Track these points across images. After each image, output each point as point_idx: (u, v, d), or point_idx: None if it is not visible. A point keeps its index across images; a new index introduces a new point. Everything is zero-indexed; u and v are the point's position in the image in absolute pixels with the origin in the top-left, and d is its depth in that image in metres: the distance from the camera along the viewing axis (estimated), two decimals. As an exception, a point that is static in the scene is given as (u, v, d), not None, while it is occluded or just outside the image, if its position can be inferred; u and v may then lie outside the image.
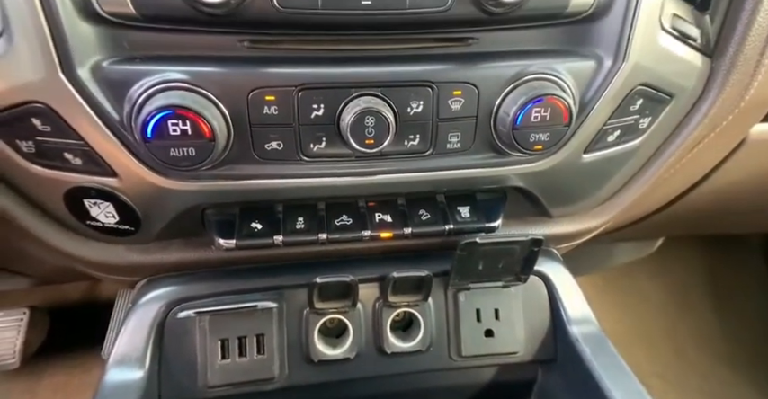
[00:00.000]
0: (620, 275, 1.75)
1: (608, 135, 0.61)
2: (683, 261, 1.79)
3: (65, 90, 0.47)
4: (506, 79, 0.55)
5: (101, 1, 0.45)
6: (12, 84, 0.46)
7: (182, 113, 0.48)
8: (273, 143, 0.55)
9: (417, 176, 0.60)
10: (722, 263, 1.79)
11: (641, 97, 0.58)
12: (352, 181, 0.59)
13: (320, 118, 0.54)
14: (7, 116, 0.48)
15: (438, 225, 0.64)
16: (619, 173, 0.67)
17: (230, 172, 0.55)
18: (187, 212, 0.59)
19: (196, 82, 0.50)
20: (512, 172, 0.62)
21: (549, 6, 0.52)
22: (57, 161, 0.52)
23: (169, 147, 0.49)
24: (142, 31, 0.49)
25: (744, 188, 0.78)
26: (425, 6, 0.50)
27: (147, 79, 0.48)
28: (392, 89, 0.54)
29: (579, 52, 0.56)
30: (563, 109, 0.54)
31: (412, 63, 0.55)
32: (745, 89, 0.59)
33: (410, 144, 0.57)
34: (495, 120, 0.56)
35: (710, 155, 0.69)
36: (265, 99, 0.52)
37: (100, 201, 0.56)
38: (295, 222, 0.63)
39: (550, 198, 0.67)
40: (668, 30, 0.55)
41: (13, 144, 0.51)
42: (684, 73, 0.58)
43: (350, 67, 0.53)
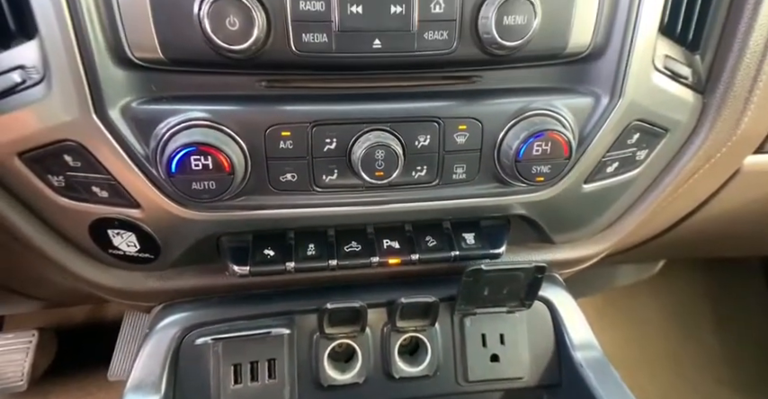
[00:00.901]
0: (621, 296, 1.75)
1: (607, 166, 0.63)
2: (684, 283, 1.80)
3: (96, 129, 0.50)
4: (509, 115, 0.58)
5: (132, 48, 0.49)
6: (48, 125, 0.49)
7: (204, 149, 0.51)
8: (288, 175, 0.57)
9: (424, 205, 0.63)
10: (723, 285, 1.80)
11: (638, 131, 0.61)
12: (362, 210, 0.62)
13: (332, 151, 0.57)
14: (42, 153, 0.51)
15: (444, 251, 0.67)
16: (618, 202, 0.70)
17: (246, 202, 0.58)
18: (204, 240, 0.62)
19: (217, 119, 0.53)
20: (515, 202, 0.64)
21: (548, 48, 0.56)
22: (84, 194, 0.55)
23: (191, 181, 0.52)
24: (168, 73, 0.52)
25: (740, 214, 0.81)
26: (432, 49, 0.54)
27: (172, 118, 0.52)
28: (401, 124, 0.57)
29: (578, 90, 0.60)
30: (563, 143, 0.56)
31: (419, 99, 0.58)
32: (735, 124, 0.62)
33: (418, 175, 0.60)
34: (499, 153, 0.59)
35: (706, 184, 0.72)
36: (281, 134, 0.55)
37: (123, 231, 0.58)
38: (306, 249, 0.66)
39: (553, 225, 0.70)
40: (661, 69, 0.58)
41: (45, 178, 0.54)
42: (678, 109, 0.62)
43: (361, 104, 0.57)
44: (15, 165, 0.52)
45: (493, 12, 0.50)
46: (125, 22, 0.47)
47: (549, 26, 0.53)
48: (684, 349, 1.65)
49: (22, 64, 0.48)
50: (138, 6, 0.47)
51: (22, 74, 0.48)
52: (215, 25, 0.46)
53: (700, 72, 0.62)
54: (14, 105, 0.49)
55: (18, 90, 0.48)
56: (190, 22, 0.47)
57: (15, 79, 0.48)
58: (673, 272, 1.59)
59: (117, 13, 0.47)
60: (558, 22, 0.54)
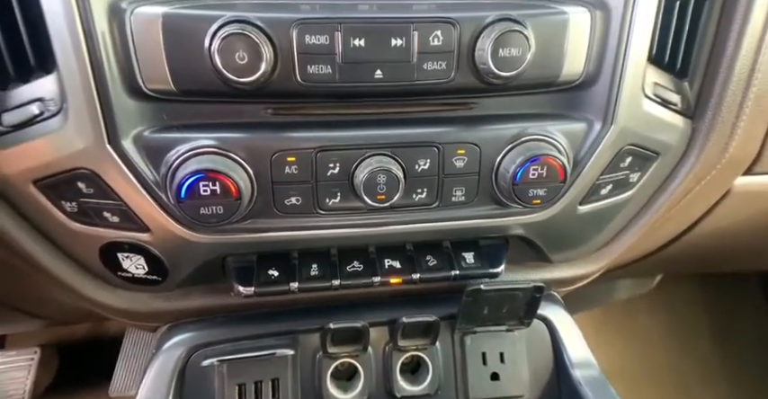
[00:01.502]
0: (619, 311, 1.76)
1: (601, 188, 0.66)
2: (683, 297, 1.81)
3: (110, 158, 0.52)
4: (505, 140, 0.60)
5: (146, 80, 0.51)
6: (64, 154, 0.51)
7: (212, 176, 0.53)
8: (293, 198, 0.59)
9: (425, 227, 0.65)
10: (721, 298, 1.81)
11: (630, 155, 0.64)
12: (364, 231, 0.64)
13: (335, 175, 0.59)
14: (56, 180, 0.53)
15: (444, 270, 0.68)
16: (613, 222, 0.72)
17: (252, 225, 0.60)
18: (210, 261, 0.63)
19: (225, 147, 0.55)
20: (512, 223, 0.66)
21: (542, 77, 0.58)
22: (96, 219, 0.57)
23: (200, 206, 0.53)
24: (179, 103, 0.54)
25: (732, 232, 0.83)
26: (431, 78, 0.56)
27: (181, 146, 0.54)
28: (401, 149, 0.59)
29: (572, 116, 0.62)
30: (558, 167, 0.59)
31: (419, 125, 0.60)
32: (724, 148, 0.64)
33: (418, 197, 0.62)
34: (497, 176, 0.61)
35: (698, 204, 0.74)
36: (287, 160, 0.57)
37: (132, 254, 0.60)
38: (309, 268, 0.67)
39: (550, 245, 0.72)
40: (651, 96, 0.61)
41: (58, 204, 0.55)
42: (668, 133, 0.64)
43: (363, 130, 0.59)
44: (30, 192, 0.54)
45: (489, 44, 0.53)
46: (139, 57, 0.50)
47: (542, 57, 0.56)
48: (684, 363, 1.66)
49: (41, 96, 0.51)
50: (151, 42, 0.49)
51: (40, 106, 0.50)
52: (225, 60, 0.49)
53: (688, 98, 0.64)
54: (32, 135, 0.51)
55: (36, 121, 0.51)
56: (201, 56, 0.50)
57: (34, 111, 0.50)
58: (670, 286, 1.60)
59: (132, 48, 0.49)
60: (552, 53, 0.56)
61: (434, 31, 0.54)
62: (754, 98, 0.61)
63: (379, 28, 0.53)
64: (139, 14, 0.49)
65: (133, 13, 0.48)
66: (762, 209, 0.77)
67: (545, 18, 0.55)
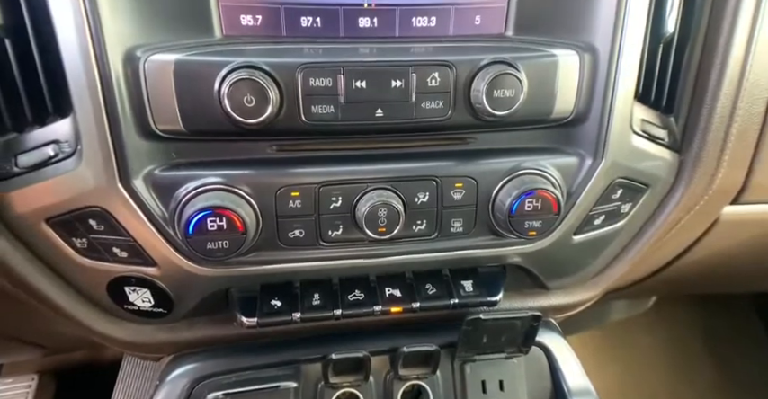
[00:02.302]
0: (616, 331, 1.77)
1: (594, 219, 0.68)
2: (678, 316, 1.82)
3: (121, 197, 0.54)
4: (501, 173, 0.63)
5: (157, 122, 0.53)
6: (77, 193, 0.53)
7: (219, 212, 0.55)
8: (296, 231, 0.61)
9: (424, 257, 0.66)
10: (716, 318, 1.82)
11: (621, 187, 0.66)
12: (365, 262, 0.66)
13: (338, 208, 0.61)
14: (69, 218, 0.55)
15: (444, 299, 0.70)
16: (606, 251, 0.74)
17: (256, 258, 0.62)
18: (215, 293, 0.65)
19: (231, 183, 0.57)
20: (509, 252, 0.68)
21: (535, 114, 0.61)
22: (105, 254, 0.58)
23: (207, 241, 0.55)
24: (187, 142, 0.57)
25: (723, 258, 0.85)
26: (429, 116, 0.59)
27: (190, 183, 0.56)
28: (401, 183, 0.61)
29: (564, 150, 0.65)
30: (552, 200, 0.61)
31: (418, 160, 0.63)
32: (710, 179, 0.67)
33: (418, 228, 0.64)
34: (493, 208, 0.64)
35: (688, 232, 0.76)
36: (291, 194, 0.59)
37: (139, 288, 0.61)
38: (311, 298, 0.69)
39: (546, 273, 0.74)
40: (639, 132, 0.64)
41: (69, 241, 0.57)
42: (657, 166, 0.67)
43: (364, 165, 0.61)
44: (42, 229, 0.56)
45: (484, 86, 0.56)
46: (151, 100, 0.52)
47: (535, 96, 0.58)
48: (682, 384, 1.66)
49: (56, 139, 0.53)
50: (163, 86, 0.52)
51: (56, 148, 0.53)
52: (234, 103, 0.51)
53: (675, 133, 0.68)
54: (46, 176, 0.53)
55: (51, 162, 0.53)
56: (210, 100, 0.52)
57: (49, 153, 0.52)
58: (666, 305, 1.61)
59: (145, 93, 0.52)
60: (543, 92, 0.59)
61: (432, 73, 0.57)
62: (737, 133, 0.64)
63: (380, 71, 0.56)
64: (153, 61, 0.51)
65: (147, 60, 0.51)
66: (750, 237, 0.79)
67: (536, 60, 0.58)
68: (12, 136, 0.54)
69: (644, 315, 1.58)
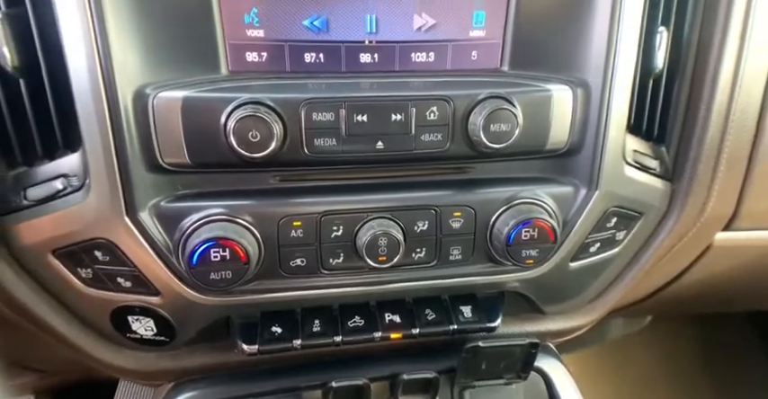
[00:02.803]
0: (614, 345, 1.76)
1: (590, 247, 0.69)
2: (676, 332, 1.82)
3: (127, 229, 0.55)
4: (499, 203, 0.64)
5: (163, 155, 0.55)
6: (84, 226, 0.54)
7: (222, 243, 0.56)
8: (298, 260, 0.62)
9: (424, 284, 0.68)
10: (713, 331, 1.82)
11: (615, 216, 0.68)
12: (365, 290, 0.66)
13: (339, 237, 0.62)
14: (75, 249, 0.56)
15: (443, 325, 0.71)
16: (602, 277, 0.75)
17: (258, 286, 0.62)
18: (216, 320, 0.65)
19: (235, 214, 0.58)
20: (507, 279, 0.69)
21: (530, 146, 0.62)
22: (109, 284, 0.59)
23: (210, 272, 0.56)
24: (193, 174, 0.58)
25: (718, 281, 0.86)
26: (428, 148, 0.60)
27: (194, 214, 0.57)
28: (401, 212, 0.63)
29: (560, 180, 0.66)
30: (548, 230, 0.62)
31: (417, 189, 0.64)
32: (702, 207, 0.69)
33: (417, 256, 0.65)
34: (491, 236, 0.65)
35: (682, 258, 0.78)
36: (293, 224, 0.61)
37: (142, 317, 0.62)
38: (312, 325, 0.69)
39: (543, 298, 0.75)
40: (631, 163, 0.66)
41: (74, 271, 0.58)
42: (649, 195, 0.69)
43: (365, 195, 0.63)
44: (48, 260, 0.57)
45: (480, 120, 0.58)
46: (159, 135, 0.54)
47: (530, 129, 0.60)
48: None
49: (65, 172, 0.54)
50: (171, 122, 0.53)
51: (64, 181, 0.54)
52: (239, 139, 0.53)
53: (667, 162, 0.70)
54: (55, 208, 0.54)
55: (59, 196, 0.54)
56: (216, 134, 0.54)
57: (57, 186, 0.53)
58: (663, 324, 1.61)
59: (152, 128, 0.53)
60: (538, 125, 0.61)
61: (431, 107, 0.59)
62: (726, 163, 0.66)
63: (380, 105, 0.58)
64: (161, 98, 0.53)
65: (156, 97, 0.53)
66: (743, 262, 0.81)
67: (531, 95, 0.60)
68: (22, 169, 0.55)
69: (641, 332, 1.59)
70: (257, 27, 0.58)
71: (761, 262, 0.81)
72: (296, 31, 0.59)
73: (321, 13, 0.59)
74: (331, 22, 0.60)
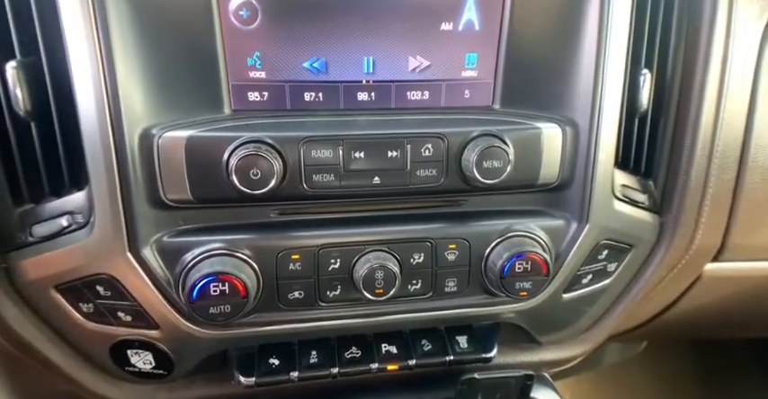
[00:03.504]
0: (610, 368, 1.75)
1: (582, 278, 0.71)
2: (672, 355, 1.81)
3: (129, 264, 0.56)
4: (493, 235, 0.66)
5: (167, 192, 0.56)
6: (87, 262, 0.56)
7: (222, 277, 0.57)
8: (296, 293, 0.63)
9: (420, 316, 0.69)
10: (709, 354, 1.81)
11: (606, 248, 0.70)
12: (362, 322, 0.67)
13: (336, 270, 0.63)
14: (78, 285, 0.57)
15: (439, 356, 0.71)
16: (595, 307, 0.77)
17: (256, 319, 0.63)
18: (215, 353, 0.66)
19: (234, 248, 0.60)
20: (502, 311, 0.71)
21: (522, 180, 0.65)
22: (110, 318, 0.60)
23: (209, 306, 0.57)
24: (194, 209, 0.60)
25: (708, 311, 0.87)
26: (423, 182, 0.63)
27: (195, 249, 0.58)
28: (397, 244, 0.64)
29: (552, 213, 0.68)
30: (541, 263, 0.64)
31: (413, 222, 0.66)
32: (690, 240, 0.70)
33: (413, 288, 0.66)
34: (486, 269, 0.66)
35: (673, 288, 0.79)
36: (291, 257, 0.62)
37: (141, 351, 0.62)
38: (309, 356, 0.70)
39: (537, 328, 0.76)
40: (620, 197, 0.68)
41: (76, 306, 0.59)
42: (639, 228, 0.71)
43: (362, 228, 0.64)
44: (51, 295, 0.58)
45: (473, 156, 0.60)
46: (163, 173, 0.56)
47: (521, 165, 0.63)
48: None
49: (71, 210, 0.56)
50: (175, 160, 0.55)
51: (69, 219, 0.55)
52: (240, 177, 0.55)
53: (655, 196, 0.72)
54: (59, 245, 0.56)
55: (64, 232, 0.55)
56: (218, 172, 0.56)
57: (63, 224, 0.55)
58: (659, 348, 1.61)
59: (157, 167, 0.55)
60: (529, 161, 0.63)
61: (426, 144, 0.61)
62: (712, 198, 0.68)
63: (377, 142, 0.60)
64: (167, 138, 0.55)
65: (161, 137, 0.55)
66: (733, 292, 0.82)
67: (522, 133, 0.63)
68: (28, 206, 0.57)
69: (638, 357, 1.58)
70: (259, 69, 0.61)
71: (751, 292, 0.83)
72: (296, 73, 0.62)
73: (321, 56, 0.62)
74: (330, 63, 0.63)
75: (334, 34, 0.61)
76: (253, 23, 0.58)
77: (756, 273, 0.79)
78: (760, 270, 0.78)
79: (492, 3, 0.63)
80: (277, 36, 0.59)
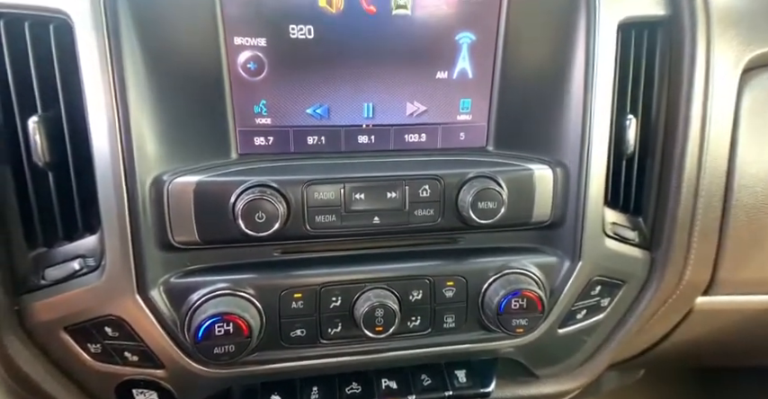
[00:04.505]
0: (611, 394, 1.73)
1: (577, 313, 0.73)
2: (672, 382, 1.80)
3: (137, 306, 0.58)
4: (489, 272, 0.68)
5: (175, 235, 0.59)
6: (98, 304, 0.58)
7: (227, 318, 0.59)
8: (298, 331, 0.65)
9: (419, 352, 0.70)
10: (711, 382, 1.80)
11: (599, 284, 0.72)
12: (362, 358, 0.69)
13: (337, 308, 0.65)
14: (87, 326, 0.59)
15: (439, 391, 0.72)
16: (590, 341, 0.78)
17: (259, 358, 0.65)
18: (218, 391, 0.67)
19: (238, 287, 0.61)
20: (499, 346, 0.72)
21: (516, 219, 0.67)
22: (117, 358, 0.61)
23: (214, 346, 0.58)
24: (200, 250, 0.62)
25: (702, 342, 0.89)
26: (421, 222, 0.65)
27: (201, 289, 0.60)
28: (397, 282, 0.66)
29: (546, 250, 0.71)
30: (536, 300, 0.66)
31: (412, 260, 0.68)
32: (680, 275, 0.73)
33: (413, 324, 0.68)
34: (483, 305, 0.68)
35: (665, 321, 0.81)
36: (294, 296, 0.64)
37: (146, 390, 0.63)
38: (311, 392, 0.71)
39: (534, 363, 0.77)
40: (611, 235, 0.70)
41: (84, 346, 0.60)
42: (630, 264, 0.73)
43: (362, 266, 0.66)
44: (60, 336, 0.59)
45: (469, 198, 0.63)
46: (172, 217, 0.58)
47: (515, 205, 0.65)
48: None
49: (83, 253, 0.58)
50: (183, 204, 0.58)
51: (81, 262, 0.57)
52: (246, 221, 0.57)
53: (645, 232, 0.74)
54: (70, 288, 0.58)
55: (76, 276, 0.57)
56: (224, 215, 0.58)
57: (75, 267, 0.57)
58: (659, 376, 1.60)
59: (166, 211, 0.58)
60: (523, 201, 0.66)
61: (423, 185, 0.64)
62: (699, 235, 0.70)
63: (377, 185, 0.63)
64: (177, 183, 0.57)
65: (171, 182, 0.57)
66: (726, 324, 0.84)
67: (515, 174, 0.66)
68: (42, 250, 0.59)
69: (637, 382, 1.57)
70: (265, 115, 0.64)
71: (745, 324, 0.84)
72: (300, 118, 0.66)
73: (323, 102, 0.66)
74: (332, 109, 0.66)
75: (335, 82, 0.65)
76: (260, 75, 0.62)
77: (747, 306, 0.80)
78: (751, 303, 0.80)
79: (484, 53, 0.67)
80: (282, 86, 0.63)
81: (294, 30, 0.61)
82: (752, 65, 0.70)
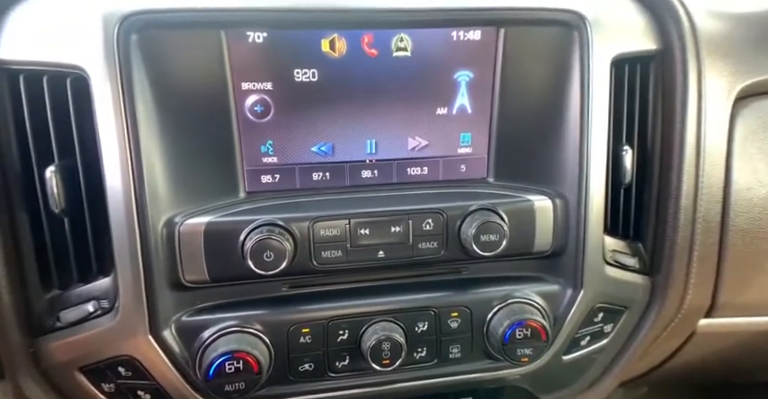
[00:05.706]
0: None
1: (580, 340, 0.74)
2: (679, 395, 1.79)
3: (150, 346, 0.59)
4: (492, 302, 0.69)
5: (185, 275, 0.60)
6: (111, 345, 0.59)
7: (237, 355, 0.60)
8: (306, 365, 0.66)
9: (426, 383, 0.71)
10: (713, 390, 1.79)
11: (601, 311, 0.73)
12: (370, 391, 0.70)
13: (345, 341, 0.66)
14: (100, 366, 0.60)
15: None
16: (594, 366, 0.79)
17: (268, 393, 0.66)
18: None
19: (248, 324, 0.63)
20: (504, 375, 0.73)
21: (518, 249, 0.68)
22: (129, 396, 0.62)
23: (225, 384, 0.59)
24: (209, 288, 0.63)
25: (706, 363, 0.89)
26: (425, 254, 0.67)
27: (211, 327, 0.62)
28: (402, 314, 0.67)
29: (548, 279, 0.72)
30: (540, 329, 0.67)
31: (417, 291, 0.69)
32: (681, 299, 0.74)
33: (419, 356, 0.69)
34: (488, 335, 0.69)
35: (668, 344, 0.82)
36: (302, 331, 0.65)
37: (157, 428, 0.64)
38: None
39: (540, 389, 0.78)
40: (611, 262, 0.72)
41: (98, 386, 0.62)
42: (631, 291, 0.74)
43: (368, 299, 0.68)
44: (75, 376, 0.61)
45: (471, 231, 0.64)
46: (183, 257, 0.59)
47: (516, 235, 0.67)
48: None
49: (97, 296, 0.60)
50: (194, 245, 0.60)
51: (95, 304, 0.59)
52: (255, 259, 0.58)
53: (645, 258, 0.76)
54: (84, 329, 0.59)
55: (90, 318, 0.59)
56: (234, 253, 0.60)
57: (89, 309, 0.58)
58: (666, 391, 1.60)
59: (177, 252, 0.59)
60: (524, 232, 0.68)
61: (426, 219, 0.66)
62: (698, 260, 0.72)
63: (381, 220, 0.65)
64: (187, 225, 0.59)
65: (182, 224, 0.59)
66: (729, 345, 0.84)
67: (515, 206, 0.67)
68: (57, 293, 0.61)
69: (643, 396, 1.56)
70: (272, 155, 0.66)
71: (748, 345, 0.85)
72: (305, 156, 0.68)
73: (327, 140, 0.68)
74: (336, 146, 0.68)
75: (339, 122, 0.67)
76: (266, 117, 0.64)
77: (749, 328, 0.81)
78: (753, 325, 0.81)
79: (482, 89, 0.69)
80: (288, 126, 0.65)
81: (299, 73, 0.63)
82: (743, 94, 0.72)
